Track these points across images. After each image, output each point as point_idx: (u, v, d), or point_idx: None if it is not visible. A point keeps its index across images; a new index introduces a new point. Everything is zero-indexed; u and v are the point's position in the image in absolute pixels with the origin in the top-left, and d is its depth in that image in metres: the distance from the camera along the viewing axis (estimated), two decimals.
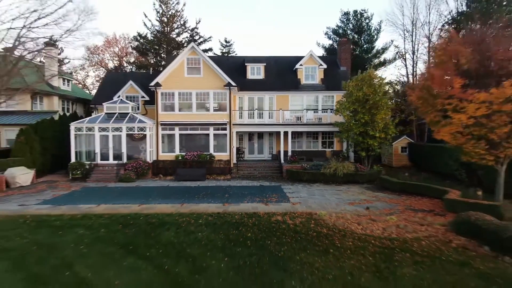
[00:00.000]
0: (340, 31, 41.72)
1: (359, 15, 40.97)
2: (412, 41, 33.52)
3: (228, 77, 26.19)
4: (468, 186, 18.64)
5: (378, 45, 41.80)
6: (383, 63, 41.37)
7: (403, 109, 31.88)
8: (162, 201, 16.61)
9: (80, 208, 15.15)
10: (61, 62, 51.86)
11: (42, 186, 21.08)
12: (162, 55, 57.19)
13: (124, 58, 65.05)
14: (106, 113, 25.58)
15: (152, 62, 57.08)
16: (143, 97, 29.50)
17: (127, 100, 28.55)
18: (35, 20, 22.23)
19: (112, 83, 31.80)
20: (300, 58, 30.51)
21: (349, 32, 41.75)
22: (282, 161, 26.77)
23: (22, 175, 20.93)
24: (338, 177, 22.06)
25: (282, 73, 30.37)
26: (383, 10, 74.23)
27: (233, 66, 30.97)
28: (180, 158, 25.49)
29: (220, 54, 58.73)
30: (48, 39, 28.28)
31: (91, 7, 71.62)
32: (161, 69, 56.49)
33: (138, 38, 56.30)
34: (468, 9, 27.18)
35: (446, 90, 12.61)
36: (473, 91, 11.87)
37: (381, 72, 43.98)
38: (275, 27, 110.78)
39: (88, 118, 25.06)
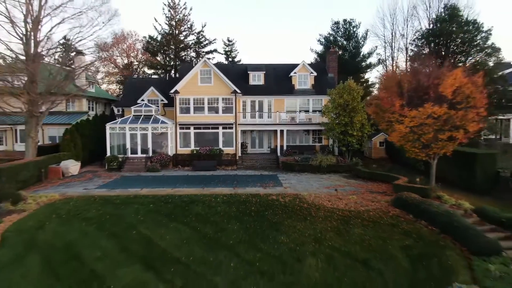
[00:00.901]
0: (331, 38, 46.15)
1: (347, 24, 45.34)
2: (391, 50, 38.12)
3: (233, 83, 30.95)
4: (424, 175, 23.56)
5: (365, 50, 46.24)
6: (369, 66, 45.93)
7: None
8: (187, 186, 21.64)
9: (129, 191, 20.19)
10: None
11: (89, 175, 26.10)
12: (171, 55, 61.41)
13: (131, 54, 69.21)
14: (133, 115, 30.44)
15: (162, 62, 61.36)
16: (162, 100, 34.31)
17: (149, 103, 33.36)
18: (79, 41, 27.01)
19: (134, 87, 36.58)
20: (295, 66, 35.18)
21: (339, 38, 46.18)
22: (279, 154, 31.73)
23: (73, 166, 25.92)
24: (323, 167, 27.03)
25: (279, 79, 35.05)
26: (368, 21, 78.96)
27: (237, 73, 35.64)
28: (195, 152, 30.45)
29: (223, 52, 62.55)
30: (78, 50, 33.00)
31: (122, 29, 75.90)
32: (168, 68, 61.10)
33: (150, 40, 60.40)
34: (434, 27, 31.69)
35: (390, 107, 17.44)
36: (407, 109, 16.69)
37: (367, 75, 48.54)
38: (274, 29, 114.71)
39: (120, 120, 29.94)
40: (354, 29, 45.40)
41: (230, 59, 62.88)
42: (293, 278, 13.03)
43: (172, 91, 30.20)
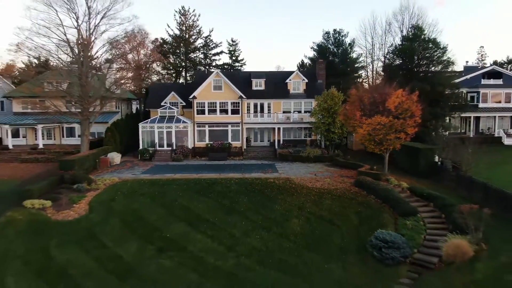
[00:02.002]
0: (323, 45, 52.13)
1: (337, 33, 51.18)
2: (371, 58, 44.23)
3: (239, 89, 37.27)
4: (389, 163, 30.03)
5: (353, 55, 52.06)
6: (355, 70, 52.04)
7: None
8: (207, 172, 28.25)
9: (166, 176, 26.83)
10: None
11: (128, 164, 32.72)
12: (181, 57, 67.17)
13: (142, 51, 74.83)
14: (160, 116, 36.94)
15: (173, 62, 67.06)
16: (181, 102, 40.69)
17: (170, 105, 39.73)
18: (120, 57, 33.39)
19: (157, 91, 42.89)
20: (290, 73, 41.43)
21: (329, 46, 52.07)
22: (276, 147, 38.28)
23: (116, 157, 32.53)
24: (310, 158, 33.56)
25: (277, 85, 41.24)
26: (355, 30, 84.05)
27: (242, 80, 41.75)
28: (209, 145, 37.04)
29: (227, 51, 67.77)
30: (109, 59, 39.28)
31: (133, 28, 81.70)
32: (180, 69, 67.11)
33: (162, 43, 66.09)
34: (404, 43, 37.78)
35: (353, 117, 23.88)
36: (364, 118, 23.17)
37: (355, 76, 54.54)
38: (273, 32, 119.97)
39: (149, 120, 36.48)
40: (343, 38, 51.31)
41: (234, 58, 68.35)
42: (283, 230, 19.77)
43: (190, 97, 36.65)
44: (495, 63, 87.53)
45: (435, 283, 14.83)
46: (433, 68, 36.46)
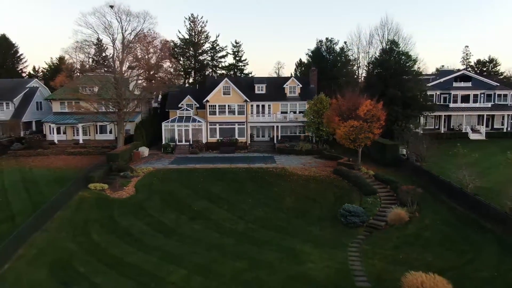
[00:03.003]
0: (316, 52, 58.17)
1: (329, 42, 57.16)
2: (357, 65, 50.41)
3: (243, 93, 43.58)
4: (366, 156, 36.59)
5: (342, 61, 58.09)
6: (345, 75, 58.22)
7: None
8: (220, 163, 34.76)
9: (189, 166, 33.43)
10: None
11: (155, 157, 39.33)
12: (191, 59, 73.15)
13: (151, 50, 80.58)
14: (178, 116, 43.46)
15: (183, 64, 73.01)
16: (195, 104, 47.04)
17: (187, 106, 46.21)
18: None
19: (175, 95, 49.25)
20: (287, 79, 47.74)
21: (322, 51, 58.15)
22: (275, 142, 44.81)
23: (146, 151, 39.20)
24: (303, 151, 40.10)
25: (276, 89, 47.53)
26: (342, 42, 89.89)
27: (246, 84, 48.05)
28: (219, 140, 43.62)
29: (232, 52, 73.16)
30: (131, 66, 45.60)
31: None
32: (189, 70, 73.03)
33: (173, 47, 71.89)
34: (382, 55, 43.96)
35: (333, 120, 30.41)
36: (341, 122, 29.69)
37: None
38: (272, 36, 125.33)
39: (170, 119, 43.01)
40: (334, 46, 57.35)
41: (237, 58, 74.15)
42: (279, 205, 26.40)
43: (204, 100, 43.15)
44: (478, 62, 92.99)
45: (379, 236, 21.63)
46: (405, 76, 42.67)
